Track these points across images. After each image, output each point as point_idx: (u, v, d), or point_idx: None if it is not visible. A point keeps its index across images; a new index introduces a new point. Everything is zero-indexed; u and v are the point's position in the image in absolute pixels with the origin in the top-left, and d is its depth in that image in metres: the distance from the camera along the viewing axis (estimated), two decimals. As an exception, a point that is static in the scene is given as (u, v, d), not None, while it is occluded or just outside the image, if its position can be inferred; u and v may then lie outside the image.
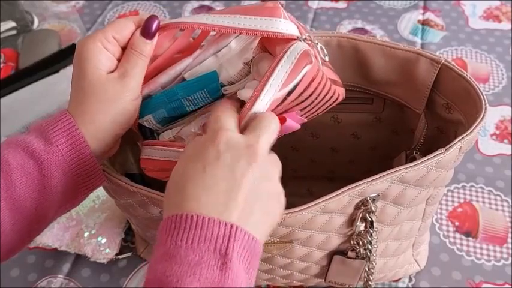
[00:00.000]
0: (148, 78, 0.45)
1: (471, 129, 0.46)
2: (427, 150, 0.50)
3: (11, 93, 0.81)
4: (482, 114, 0.46)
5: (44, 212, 0.42)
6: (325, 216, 0.47)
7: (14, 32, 0.96)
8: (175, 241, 0.34)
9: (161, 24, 0.44)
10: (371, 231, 0.49)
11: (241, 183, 0.36)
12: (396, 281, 0.63)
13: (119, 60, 0.44)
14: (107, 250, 0.65)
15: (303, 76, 0.40)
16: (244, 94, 0.42)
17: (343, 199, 0.46)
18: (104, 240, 0.66)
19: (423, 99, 0.53)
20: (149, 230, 0.56)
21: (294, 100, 0.41)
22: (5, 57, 0.93)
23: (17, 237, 0.42)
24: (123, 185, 0.47)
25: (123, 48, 0.44)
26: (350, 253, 0.53)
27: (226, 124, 0.38)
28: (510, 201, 0.71)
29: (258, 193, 0.37)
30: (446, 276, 0.63)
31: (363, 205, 0.47)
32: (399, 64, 0.52)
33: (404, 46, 0.52)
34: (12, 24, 0.96)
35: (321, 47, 0.43)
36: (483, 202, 0.71)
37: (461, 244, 0.67)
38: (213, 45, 0.44)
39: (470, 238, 0.67)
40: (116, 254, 0.66)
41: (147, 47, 0.43)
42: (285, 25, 0.41)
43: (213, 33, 0.45)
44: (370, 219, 0.48)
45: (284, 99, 0.40)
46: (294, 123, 0.42)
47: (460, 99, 0.50)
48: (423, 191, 0.50)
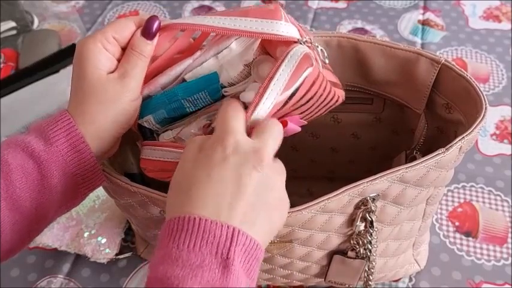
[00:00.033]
0: (148, 78, 0.45)
1: (471, 129, 0.46)
2: (427, 150, 0.50)
3: (11, 93, 0.81)
4: (482, 114, 0.46)
5: (44, 212, 0.42)
6: (325, 215, 0.47)
7: (14, 32, 0.96)
8: (177, 244, 0.34)
9: (162, 24, 0.44)
10: (371, 231, 0.49)
11: (245, 188, 0.36)
12: (396, 281, 0.63)
13: (119, 60, 0.44)
14: (107, 250, 0.65)
15: (304, 79, 0.40)
16: (246, 96, 0.41)
17: (343, 199, 0.46)
18: (104, 240, 0.66)
19: (423, 99, 0.53)
20: (149, 230, 0.56)
21: (295, 103, 0.40)
22: (5, 57, 0.93)
23: (17, 237, 0.42)
24: (123, 185, 0.47)
25: (123, 48, 0.44)
26: (350, 253, 0.53)
27: (235, 126, 0.38)
28: (510, 201, 0.70)
29: (262, 199, 0.36)
30: (446, 276, 0.63)
31: (363, 205, 0.48)
32: (399, 64, 0.52)
33: (404, 46, 0.52)
34: (12, 24, 0.96)
35: (321, 50, 0.43)
36: (483, 202, 0.71)
37: (461, 244, 0.66)
38: (214, 46, 0.44)
39: (470, 238, 0.67)
40: (116, 254, 0.66)
41: (148, 48, 0.43)
42: (286, 28, 0.41)
43: (213, 34, 0.45)
44: (370, 218, 0.48)
45: (285, 102, 0.40)
46: (295, 126, 0.42)
47: (460, 99, 0.50)
48: (423, 191, 0.50)
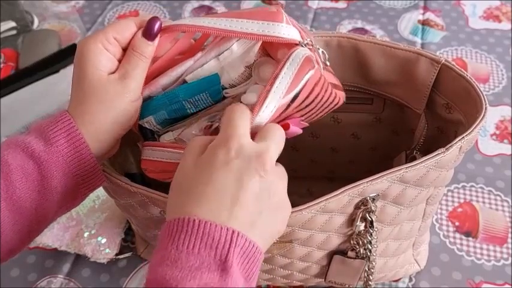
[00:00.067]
0: (149, 79, 0.45)
1: (471, 129, 0.46)
2: (427, 150, 0.50)
3: (11, 93, 0.81)
4: (482, 114, 0.46)
5: (44, 213, 0.42)
6: (325, 216, 0.47)
7: (14, 32, 0.96)
8: (176, 245, 0.34)
9: (163, 26, 0.44)
10: (371, 231, 0.49)
11: (246, 192, 0.36)
12: (396, 281, 0.63)
13: (120, 61, 0.44)
14: (107, 250, 0.65)
15: (306, 82, 0.40)
16: (247, 98, 0.41)
17: (343, 199, 0.46)
18: (104, 240, 0.66)
19: (423, 99, 0.53)
20: (149, 230, 0.56)
21: (298, 106, 0.40)
22: (5, 57, 0.93)
23: (17, 237, 0.42)
24: (123, 185, 0.47)
25: (124, 49, 0.44)
26: (350, 253, 0.53)
27: (240, 129, 0.38)
28: (510, 201, 0.70)
29: (263, 203, 0.36)
30: (446, 276, 0.63)
31: (363, 205, 0.47)
32: (399, 64, 0.52)
33: (404, 46, 0.52)
34: (12, 24, 0.96)
35: (322, 52, 0.43)
36: (483, 202, 0.71)
37: (461, 244, 0.66)
38: (215, 48, 0.44)
39: (470, 238, 0.67)
40: (116, 254, 0.66)
41: (149, 49, 0.43)
42: (287, 30, 0.41)
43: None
44: (370, 219, 0.48)
45: (288, 105, 0.40)
46: (297, 128, 0.42)
47: (460, 99, 0.50)
48: (423, 191, 0.50)
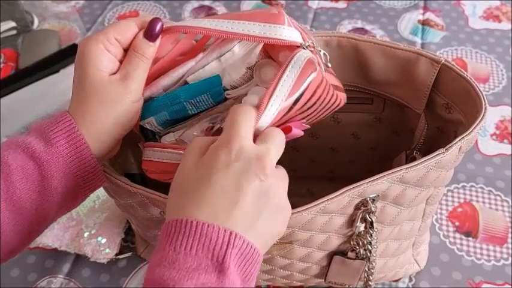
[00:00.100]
0: (150, 80, 0.45)
1: (471, 129, 0.46)
2: (427, 150, 0.50)
3: (11, 93, 0.81)
4: (482, 114, 0.46)
5: (44, 213, 0.42)
6: (325, 217, 0.47)
7: (14, 32, 0.96)
8: (174, 247, 0.34)
9: (164, 27, 0.44)
10: (371, 231, 0.49)
11: (246, 195, 0.35)
12: (396, 281, 0.63)
13: (121, 62, 0.43)
14: (107, 250, 0.65)
15: (308, 84, 0.40)
16: (249, 100, 0.41)
17: (343, 200, 0.46)
18: (104, 240, 0.66)
19: (423, 99, 0.53)
20: (149, 231, 0.56)
21: (300, 108, 0.40)
22: (5, 57, 0.93)
23: (17, 238, 0.42)
24: (123, 186, 0.47)
25: (125, 50, 0.44)
26: (350, 253, 0.53)
27: (242, 130, 0.37)
28: (510, 201, 0.71)
29: (262, 205, 0.36)
30: (446, 276, 0.63)
31: (363, 205, 0.47)
32: (399, 64, 0.52)
33: (404, 46, 0.52)
34: (12, 24, 0.96)
35: (324, 53, 0.43)
36: (483, 202, 0.71)
37: (461, 244, 0.67)
38: (216, 49, 0.44)
39: (470, 238, 0.67)
40: (116, 254, 0.66)
41: (150, 49, 0.43)
42: (289, 32, 0.41)
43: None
44: (370, 219, 0.48)
45: (290, 108, 0.40)
46: (299, 130, 0.42)
47: (460, 99, 0.50)
48: (423, 191, 0.50)
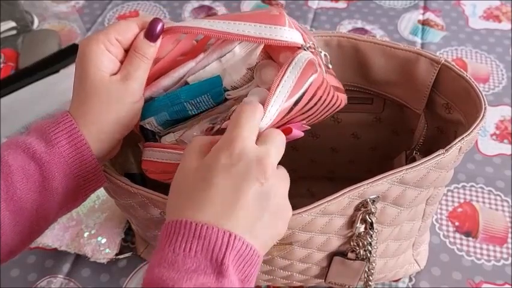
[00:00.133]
0: (150, 80, 0.45)
1: (471, 129, 0.46)
2: (427, 150, 0.50)
3: (11, 93, 0.81)
4: (482, 114, 0.46)
5: (45, 214, 0.42)
6: (325, 218, 0.47)
7: (14, 32, 0.96)
8: (173, 248, 0.34)
9: (165, 27, 0.44)
10: (371, 232, 0.49)
11: (246, 197, 0.35)
12: (396, 281, 0.63)
13: (122, 62, 0.44)
14: (107, 250, 0.65)
15: (309, 86, 0.40)
16: (248, 101, 0.41)
17: (343, 201, 0.46)
18: (104, 240, 0.66)
19: (423, 99, 0.53)
20: (149, 231, 0.56)
21: (300, 110, 0.40)
22: (5, 57, 0.93)
23: (18, 238, 0.42)
24: (123, 186, 0.47)
25: (125, 50, 0.44)
26: (350, 254, 0.53)
27: (245, 131, 0.37)
28: (510, 201, 0.71)
29: (262, 207, 0.36)
30: (446, 276, 0.63)
31: (363, 206, 0.47)
32: (399, 64, 0.52)
33: (404, 46, 0.52)
34: (12, 24, 0.96)
35: (325, 54, 0.43)
36: (483, 202, 0.71)
37: (461, 244, 0.67)
38: (217, 50, 0.44)
39: (470, 238, 0.67)
40: (116, 254, 0.66)
41: (150, 50, 0.43)
42: (289, 33, 0.41)
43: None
44: (370, 220, 0.48)
45: (290, 109, 0.40)
46: (299, 131, 0.42)
47: (460, 99, 0.50)
48: (423, 192, 0.50)
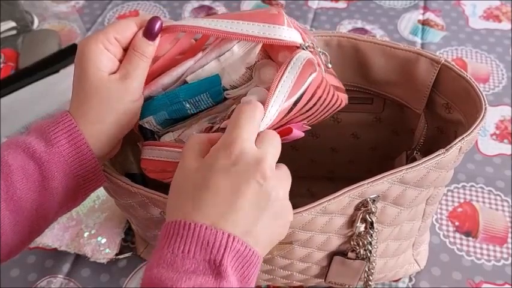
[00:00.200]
0: (149, 79, 0.45)
1: (471, 129, 0.46)
2: (427, 150, 0.50)
3: (11, 93, 0.81)
4: (482, 114, 0.46)
5: (45, 213, 0.42)
6: (325, 217, 0.47)
7: (14, 32, 0.96)
8: (172, 249, 0.34)
9: (163, 25, 0.44)
10: (371, 232, 0.49)
11: (244, 198, 0.35)
12: (396, 281, 0.63)
13: (121, 61, 0.43)
14: (107, 250, 0.65)
15: (308, 85, 0.40)
16: (247, 101, 0.41)
17: (343, 200, 0.46)
18: (104, 240, 0.66)
19: (423, 99, 0.53)
20: (149, 230, 0.56)
21: (300, 110, 0.40)
22: (5, 57, 0.93)
23: (18, 238, 0.42)
24: (123, 186, 0.47)
25: (124, 49, 0.44)
26: (350, 254, 0.53)
27: (244, 132, 0.37)
28: (510, 201, 0.71)
29: (262, 208, 0.36)
30: (446, 276, 0.63)
31: (363, 206, 0.47)
32: (399, 64, 0.52)
33: (404, 46, 0.52)
34: (12, 24, 0.96)
35: (324, 54, 0.43)
36: (483, 202, 0.71)
37: (461, 244, 0.67)
38: (216, 49, 0.44)
39: (470, 238, 0.67)
40: (116, 254, 0.66)
41: (149, 48, 0.43)
42: (288, 33, 0.41)
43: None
44: (370, 220, 0.48)
45: (290, 109, 0.40)
46: (299, 132, 0.42)
47: (460, 99, 0.50)
48: (423, 192, 0.50)
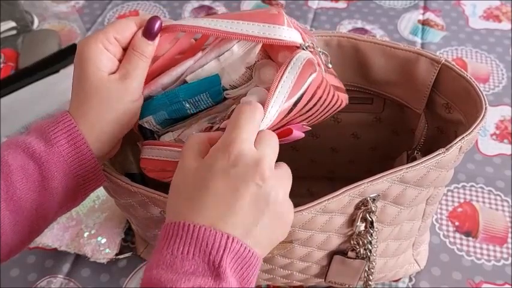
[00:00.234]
0: (149, 79, 0.45)
1: (471, 129, 0.46)
2: (428, 150, 0.50)
3: (11, 93, 0.81)
4: (482, 114, 0.46)
5: (44, 213, 0.42)
6: (325, 216, 0.47)
7: (14, 32, 0.96)
8: (171, 250, 0.34)
9: (163, 25, 0.44)
10: (371, 231, 0.49)
11: (243, 199, 0.35)
12: (396, 281, 0.63)
13: (120, 61, 0.44)
14: (107, 250, 0.65)
15: (308, 85, 0.39)
16: (247, 101, 0.41)
17: (343, 199, 0.46)
18: (104, 240, 0.66)
19: (423, 99, 0.53)
20: (149, 230, 0.56)
21: (300, 110, 0.40)
22: (5, 57, 0.93)
23: (17, 238, 0.42)
24: (123, 185, 0.47)
25: (124, 49, 0.44)
26: (350, 253, 0.53)
27: (243, 133, 0.37)
28: (510, 201, 0.71)
29: (261, 209, 0.36)
30: (446, 276, 0.63)
31: (363, 205, 0.47)
32: (399, 64, 0.52)
33: (404, 46, 0.52)
34: (12, 24, 0.96)
35: (325, 54, 0.43)
36: (483, 202, 0.71)
37: (461, 244, 0.66)
38: (215, 49, 0.44)
39: (470, 238, 0.67)
40: (116, 254, 0.66)
41: (149, 48, 0.43)
42: (288, 33, 0.41)
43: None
44: (370, 219, 0.48)
45: (290, 110, 0.40)
46: (300, 132, 0.42)
47: (460, 99, 0.50)
48: (423, 191, 0.50)
